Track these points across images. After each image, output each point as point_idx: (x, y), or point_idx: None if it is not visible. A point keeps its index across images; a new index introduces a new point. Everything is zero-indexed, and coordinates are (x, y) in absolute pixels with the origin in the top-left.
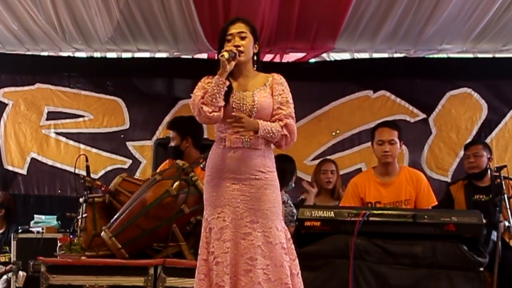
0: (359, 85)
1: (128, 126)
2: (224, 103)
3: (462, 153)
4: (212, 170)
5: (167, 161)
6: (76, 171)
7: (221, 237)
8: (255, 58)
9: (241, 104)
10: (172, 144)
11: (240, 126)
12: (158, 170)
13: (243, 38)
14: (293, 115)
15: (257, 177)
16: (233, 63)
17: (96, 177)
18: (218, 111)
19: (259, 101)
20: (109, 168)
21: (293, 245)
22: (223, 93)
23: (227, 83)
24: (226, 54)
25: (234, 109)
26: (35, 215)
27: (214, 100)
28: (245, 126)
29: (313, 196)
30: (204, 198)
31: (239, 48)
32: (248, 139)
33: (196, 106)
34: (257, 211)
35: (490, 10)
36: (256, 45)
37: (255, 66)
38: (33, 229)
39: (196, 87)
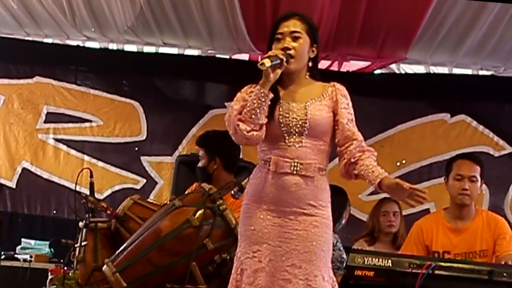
0: (433, 106)
1: (144, 137)
2: (266, 120)
3: None
4: (251, 198)
5: (195, 184)
6: (77, 188)
7: (254, 282)
8: (310, 64)
9: (289, 119)
10: (200, 164)
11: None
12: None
13: (295, 39)
14: None
15: (306, 211)
16: (278, 71)
17: (101, 197)
18: (259, 130)
19: (312, 115)
20: (117, 188)
21: None
22: (265, 108)
23: (271, 95)
24: (266, 62)
25: (281, 124)
26: (22, 239)
27: (253, 116)
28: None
29: None
30: (239, 232)
31: (288, 52)
32: (298, 163)
33: (232, 123)
34: (302, 254)
35: None
36: (314, 49)
37: (309, 73)
38: (19, 256)
39: (235, 98)
